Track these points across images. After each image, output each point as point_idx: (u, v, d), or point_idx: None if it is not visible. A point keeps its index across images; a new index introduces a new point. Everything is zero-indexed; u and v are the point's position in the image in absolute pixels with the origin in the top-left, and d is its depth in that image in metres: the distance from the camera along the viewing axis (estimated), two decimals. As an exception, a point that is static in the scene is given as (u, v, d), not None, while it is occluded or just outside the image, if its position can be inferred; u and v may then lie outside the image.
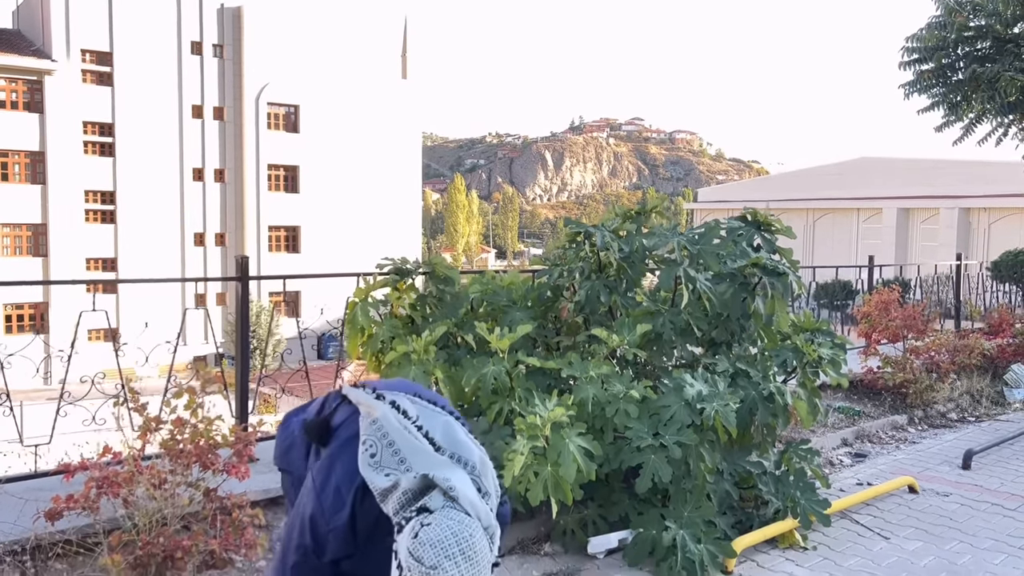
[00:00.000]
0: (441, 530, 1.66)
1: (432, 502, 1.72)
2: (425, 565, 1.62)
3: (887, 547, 4.59)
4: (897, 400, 7.53)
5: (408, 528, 1.70)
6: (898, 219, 33.90)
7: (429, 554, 1.64)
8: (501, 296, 5.09)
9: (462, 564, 1.64)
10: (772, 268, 4.73)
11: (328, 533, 1.85)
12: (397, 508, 1.76)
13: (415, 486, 1.75)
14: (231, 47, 36.58)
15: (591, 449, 4.02)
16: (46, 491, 3.74)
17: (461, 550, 1.65)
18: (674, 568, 4.11)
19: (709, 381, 4.38)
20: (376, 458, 1.82)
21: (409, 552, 1.65)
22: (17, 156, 32.63)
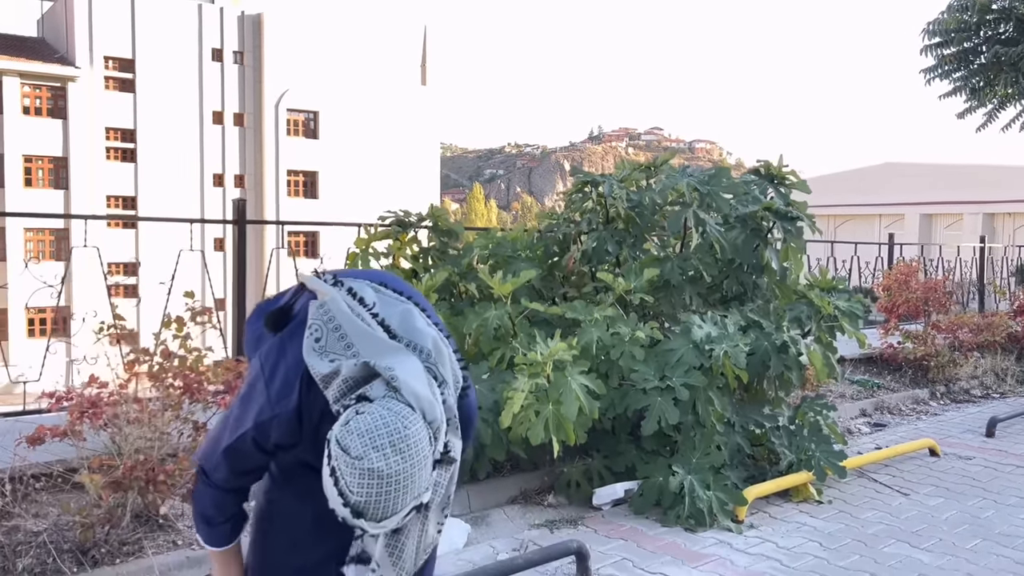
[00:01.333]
0: (372, 419, 1.52)
1: (372, 391, 1.58)
2: (351, 455, 1.48)
3: (906, 502, 4.39)
4: (918, 374, 7.30)
5: (342, 417, 1.56)
6: (921, 225, 33.42)
7: (356, 444, 1.50)
8: (506, 248, 4.96)
9: (391, 456, 1.49)
10: (785, 213, 4.56)
11: (272, 419, 1.72)
12: (337, 396, 1.63)
13: (356, 374, 1.62)
14: (251, 54, 36.86)
15: (594, 388, 3.87)
16: (36, 425, 3.64)
17: (391, 441, 1.50)
18: (682, 515, 3.94)
19: (719, 324, 4.22)
20: (321, 343, 1.68)
21: (336, 440, 1.51)
22: (41, 161, 32.99)
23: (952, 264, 9.65)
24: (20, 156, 31.91)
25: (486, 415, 3.97)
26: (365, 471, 1.47)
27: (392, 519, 1.51)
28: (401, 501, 1.50)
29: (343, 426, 1.51)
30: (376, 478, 1.48)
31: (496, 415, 3.92)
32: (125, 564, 3.10)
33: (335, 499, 1.49)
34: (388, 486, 1.49)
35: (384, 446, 1.49)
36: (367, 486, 1.47)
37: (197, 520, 1.89)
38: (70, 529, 3.18)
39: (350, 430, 1.50)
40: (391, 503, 1.49)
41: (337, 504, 1.49)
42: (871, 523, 4.07)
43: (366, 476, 1.47)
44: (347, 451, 1.48)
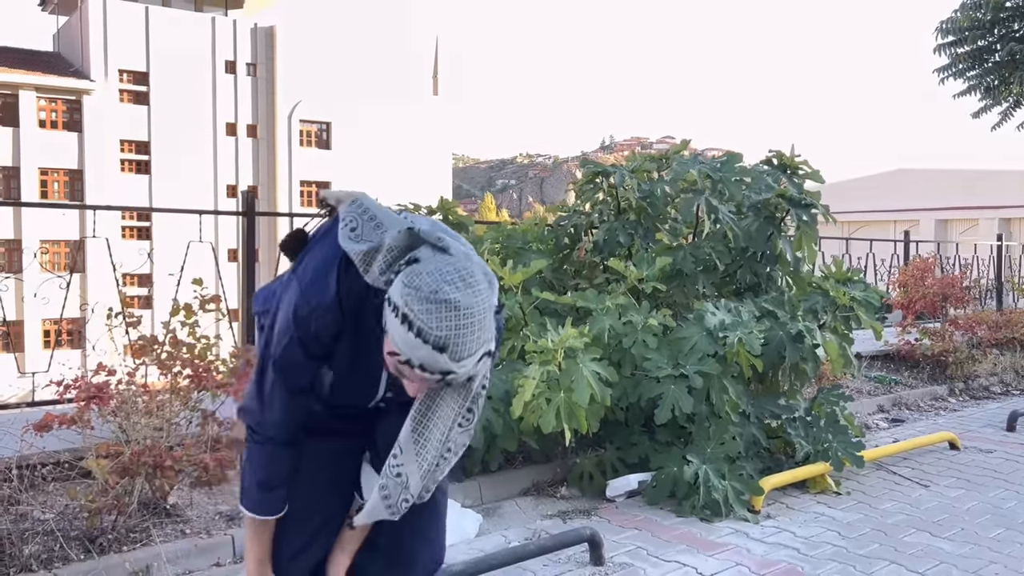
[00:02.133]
0: (436, 262, 1.50)
1: (421, 254, 1.55)
2: (423, 292, 1.45)
3: (926, 494, 4.30)
4: (936, 371, 7.19)
5: (399, 276, 1.53)
6: (936, 230, 33.18)
7: (426, 281, 1.47)
8: (516, 240, 4.92)
9: (463, 289, 1.47)
10: (799, 200, 4.50)
11: (311, 312, 1.67)
12: (384, 267, 1.59)
13: (401, 242, 1.58)
14: (264, 66, 37.10)
15: (606, 375, 3.81)
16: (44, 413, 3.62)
17: (460, 276, 1.49)
18: (697, 506, 3.87)
19: (733, 311, 4.16)
20: (357, 231, 1.65)
21: (404, 285, 1.48)
22: (57, 174, 33.27)
23: (969, 262, 9.54)
24: (36, 169, 32.20)
25: (497, 405, 3.92)
26: (442, 303, 1.45)
27: (470, 359, 1.49)
28: (475, 339, 1.48)
29: (406, 275, 1.50)
30: (453, 309, 1.45)
31: (507, 405, 3.87)
32: (132, 552, 3.06)
33: (412, 345, 1.46)
34: (465, 318, 1.46)
35: (454, 280, 1.48)
36: (446, 319, 1.45)
37: (251, 489, 1.83)
38: (77, 516, 3.15)
39: (416, 272, 1.49)
40: (469, 338, 1.47)
41: (417, 349, 1.46)
42: (891, 513, 3.98)
43: (443, 308, 1.45)
44: (419, 289, 1.46)
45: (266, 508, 1.83)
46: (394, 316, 1.48)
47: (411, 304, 1.45)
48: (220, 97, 36.01)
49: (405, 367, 1.50)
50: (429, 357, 1.46)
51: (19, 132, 31.72)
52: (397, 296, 1.48)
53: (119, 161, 34.32)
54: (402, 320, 1.46)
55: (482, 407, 1.81)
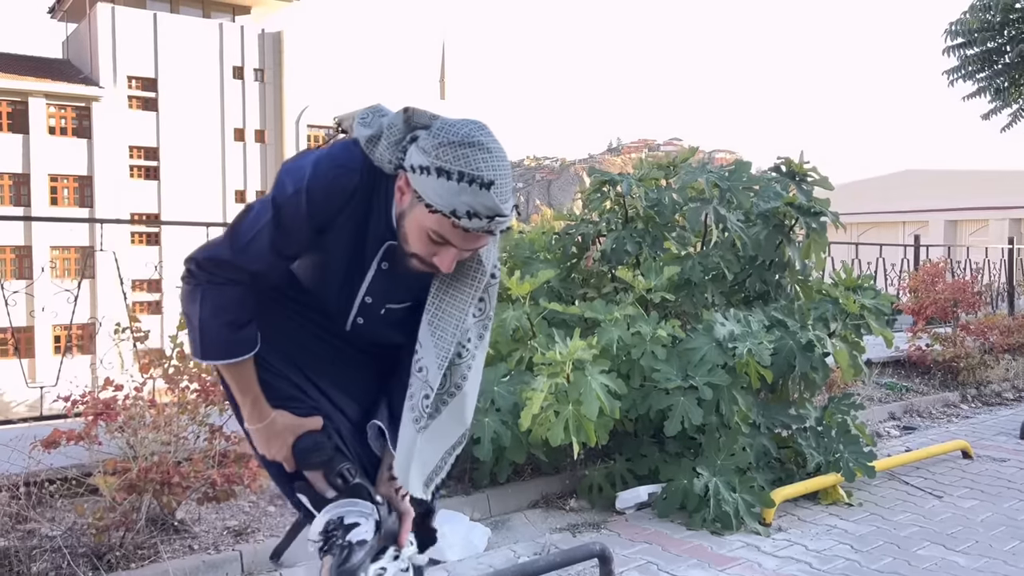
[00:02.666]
0: (446, 121, 1.53)
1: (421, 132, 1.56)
2: (455, 137, 1.47)
3: (939, 505, 4.26)
4: (948, 377, 7.14)
5: (412, 146, 1.53)
6: (946, 231, 33.01)
7: (454, 128, 1.49)
8: (524, 249, 4.90)
9: (488, 134, 1.51)
10: (808, 208, 4.47)
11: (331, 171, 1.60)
12: (388, 146, 1.58)
13: (399, 120, 1.60)
14: (272, 71, 37.21)
15: (615, 387, 3.79)
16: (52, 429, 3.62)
17: (478, 126, 1.52)
18: (707, 518, 3.84)
19: (742, 321, 4.13)
20: (366, 119, 1.66)
21: (431, 138, 1.49)
22: (66, 180, 33.41)
23: (980, 266, 9.47)
24: (46, 175, 32.36)
25: (505, 417, 3.90)
26: (475, 145, 1.47)
27: (509, 202, 1.50)
28: (509, 182, 1.49)
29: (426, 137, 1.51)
30: (487, 151, 1.48)
31: (515, 417, 3.85)
32: (140, 569, 3.05)
33: (457, 193, 1.45)
34: (498, 160, 1.49)
35: (476, 128, 1.51)
36: (483, 159, 1.46)
37: (216, 333, 1.64)
38: (85, 533, 3.14)
39: (436, 131, 1.50)
40: (506, 178, 1.49)
41: (463, 194, 1.45)
42: (904, 525, 3.94)
43: (478, 150, 1.47)
44: (448, 138, 1.47)
45: (242, 345, 1.67)
46: (426, 176, 1.47)
47: (444, 155, 1.46)
48: (228, 102, 36.13)
49: (447, 227, 1.49)
50: (477, 197, 1.45)
51: (29, 139, 31.89)
52: (422, 158, 1.49)
53: (128, 167, 34.45)
54: (438, 174, 1.46)
55: (494, 300, 1.79)
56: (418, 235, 1.54)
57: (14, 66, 32.70)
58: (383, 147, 1.59)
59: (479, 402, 3.96)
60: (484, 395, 3.99)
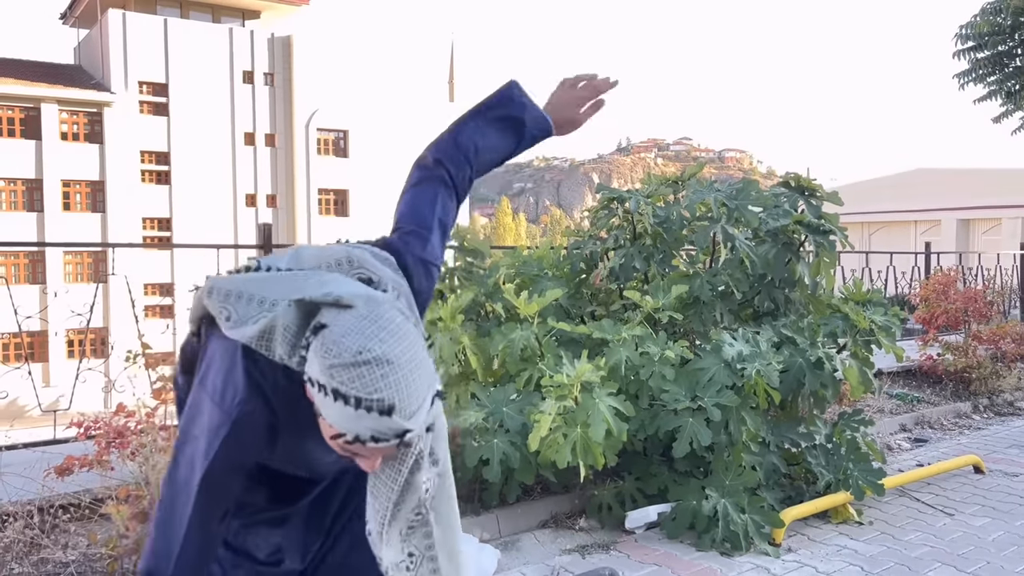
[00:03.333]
0: (347, 321, 1.33)
1: (325, 318, 1.37)
2: (347, 356, 1.28)
3: (951, 523, 4.25)
4: (960, 387, 7.10)
5: (311, 349, 1.35)
6: (958, 230, 32.81)
7: (346, 346, 1.30)
8: (532, 267, 4.91)
9: (388, 340, 1.31)
10: (817, 226, 4.46)
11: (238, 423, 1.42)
12: (288, 349, 1.41)
13: (294, 318, 1.41)
14: (281, 75, 37.33)
15: (623, 410, 3.79)
16: (64, 455, 3.65)
17: (380, 326, 1.33)
18: (717, 539, 3.84)
19: (751, 341, 4.13)
20: (232, 319, 1.46)
21: (323, 358, 1.30)
22: (79, 186, 33.62)
23: (992, 272, 9.42)
24: (59, 181, 32.57)
25: (514, 438, 3.92)
26: (371, 363, 1.29)
27: (421, 411, 1.33)
28: (421, 384, 1.33)
29: (319, 347, 1.32)
30: (386, 364, 1.30)
31: (524, 438, 3.86)
32: (153, 595, 3.07)
33: (355, 419, 1.29)
34: (402, 369, 1.31)
35: (374, 332, 1.33)
36: (381, 378, 1.29)
37: None
38: (98, 560, 3.17)
39: (330, 342, 1.31)
40: (413, 387, 1.32)
41: (362, 421, 1.29)
42: (914, 545, 3.93)
43: (374, 367, 1.29)
44: (340, 357, 1.29)
45: None
46: (324, 396, 1.31)
47: (338, 376, 1.29)
48: (238, 107, 36.27)
49: (355, 446, 1.33)
50: (377, 424, 1.30)
51: (41, 144, 32.11)
52: (319, 374, 1.32)
53: (139, 172, 34.63)
54: (335, 397, 1.30)
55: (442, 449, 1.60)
56: (332, 445, 1.38)
57: (26, 72, 32.95)
58: (282, 348, 1.41)
59: (488, 422, 3.99)
60: (493, 416, 4.01)
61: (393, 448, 1.34)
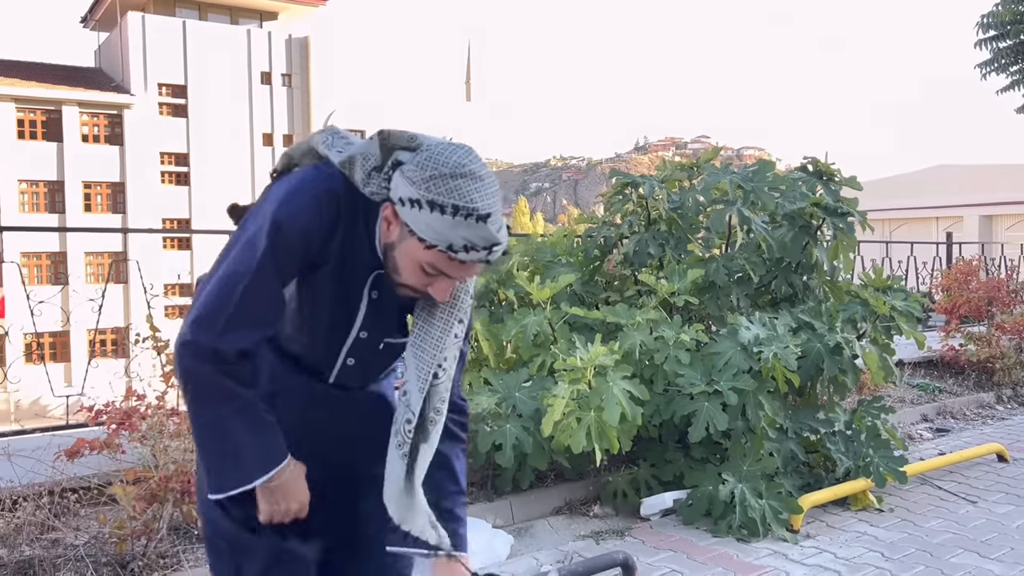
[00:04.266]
0: (432, 149, 1.42)
1: (403, 156, 1.45)
2: (446, 168, 1.38)
3: (973, 510, 4.16)
4: (983, 377, 6.98)
5: (397, 176, 1.43)
6: (980, 226, 32.36)
7: (444, 158, 1.40)
8: (545, 253, 4.86)
9: (476, 159, 1.42)
10: (835, 208, 4.39)
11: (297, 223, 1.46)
12: (364, 178, 1.48)
13: (372, 148, 1.48)
14: (299, 76, 37.51)
15: (637, 394, 3.74)
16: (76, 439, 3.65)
17: (464, 150, 1.42)
18: (733, 525, 3.78)
19: (768, 325, 4.06)
20: (330, 142, 1.54)
21: (420, 170, 1.39)
22: (99, 187, 33.93)
23: (1016, 263, 9.26)
24: (80, 182, 32.90)
25: (527, 423, 3.87)
26: (467, 176, 1.38)
27: (503, 228, 1.43)
28: (501, 211, 1.43)
29: (412, 168, 1.41)
30: (478, 179, 1.39)
31: (537, 423, 3.81)
32: (163, 577, 3.06)
33: (452, 227, 1.37)
34: (489, 186, 1.41)
35: (467, 153, 1.42)
36: (476, 189, 1.38)
37: (225, 452, 1.48)
38: (107, 542, 3.16)
39: (423, 161, 1.40)
40: (498, 205, 1.42)
41: (458, 228, 1.37)
42: (936, 532, 3.85)
43: (469, 180, 1.38)
44: (438, 170, 1.38)
45: (274, 454, 1.51)
46: (419, 210, 1.39)
47: (436, 187, 1.37)
48: (256, 108, 36.49)
49: (443, 260, 1.42)
50: (474, 231, 1.38)
51: (63, 147, 32.45)
52: (411, 190, 1.39)
53: (159, 173, 34.91)
54: (431, 207, 1.37)
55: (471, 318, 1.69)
56: (411, 268, 1.46)
57: (48, 75, 33.31)
58: (360, 175, 1.49)
59: (500, 408, 3.94)
60: (506, 401, 3.97)
61: (477, 267, 1.44)
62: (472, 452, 3.85)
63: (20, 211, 32.02)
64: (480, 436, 3.84)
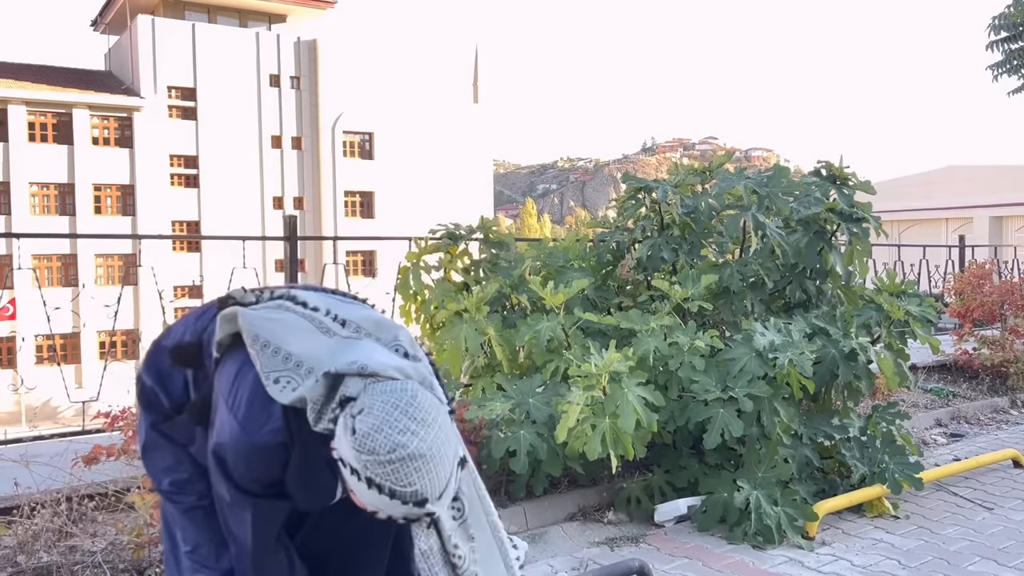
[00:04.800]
0: (378, 411, 1.40)
1: (351, 389, 1.46)
2: (382, 453, 1.37)
3: (990, 517, 4.13)
4: (996, 382, 6.94)
5: (340, 428, 1.44)
6: (991, 227, 32.22)
7: (380, 440, 1.38)
8: (558, 258, 4.86)
9: (419, 431, 1.39)
10: (850, 214, 4.37)
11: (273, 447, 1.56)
12: (316, 418, 1.50)
13: (322, 391, 1.49)
14: (307, 78, 37.57)
15: (652, 400, 3.73)
16: (92, 445, 3.66)
17: (410, 417, 1.40)
18: (748, 532, 3.76)
19: (783, 331, 4.05)
20: (262, 370, 1.56)
21: (356, 451, 1.39)
22: (109, 190, 34.06)
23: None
24: (90, 185, 33.02)
25: (541, 429, 3.87)
26: (405, 459, 1.37)
27: (449, 490, 1.44)
28: (448, 466, 1.42)
29: (351, 436, 1.40)
30: (419, 459, 1.38)
31: (551, 429, 3.81)
32: (179, 584, 3.06)
33: (389, 505, 1.39)
34: (432, 460, 1.40)
35: (406, 426, 1.39)
36: (415, 471, 1.38)
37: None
38: (125, 549, 3.17)
39: (364, 433, 1.39)
40: (442, 473, 1.41)
41: (395, 507, 1.40)
42: (953, 539, 3.83)
43: (408, 463, 1.37)
44: (376, 452, 1.37)
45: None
46: (358, 480, 1.40)
47: (372, 468, 1.38)
48: (265, 110, 36.56)
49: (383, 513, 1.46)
50: (411, 511, 1.41)
51: (73, 149, 32.59)
52: (353, 460, 1.40)
53: (168, 175, 35.02)
54: (368, 485, 1.39)
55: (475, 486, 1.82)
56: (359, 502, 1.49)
57: (59, 79, 33.47)
58: (312, 416, 1.51)
59: (514, 414, 3.94)
60: (519, 407, 3.96)
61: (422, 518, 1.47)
62: (486, 458, 3.85)
63: (31, 213, 32.18)
64: (494, 442, 3.84)
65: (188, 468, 1.76)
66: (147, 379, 1.81)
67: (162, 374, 1.79)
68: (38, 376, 23.22)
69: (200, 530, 1.74)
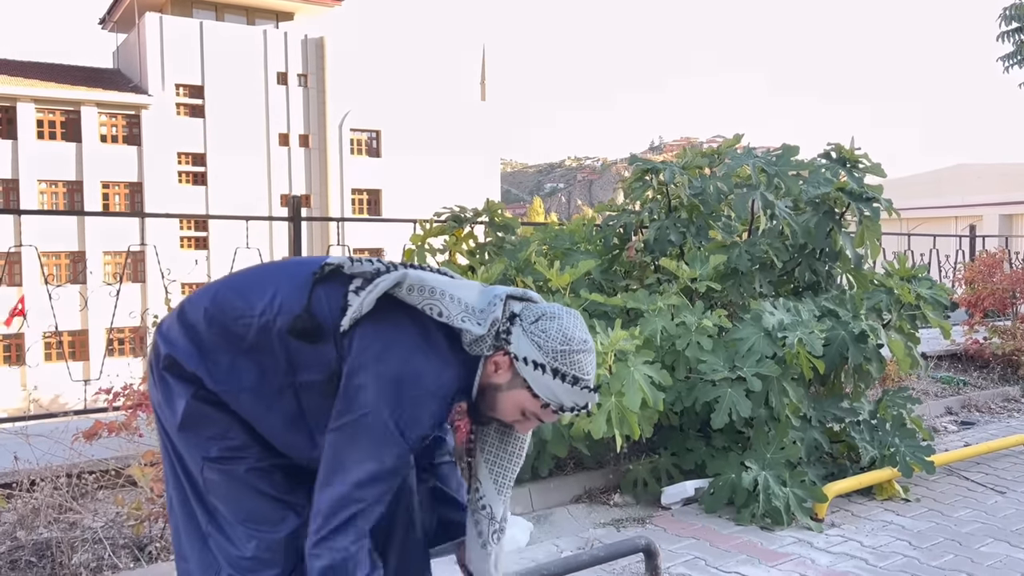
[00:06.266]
0: (557, 315, 1.71)
1: (515, 308, 1.72)
2: (574, 344, 1.66)
3: (1003, 501, 4.07)
4: (1008, 371, 6.87)
5: (518, 335, 1.68)
6: (1000, 225, 31.98)
7: (570, 335, 1.67)
8: (564, 240, 4.82)
9: (584, 328, 1.75)
10: (860, 194, 4.31)
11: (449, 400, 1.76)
12: (472, 344, 1.72)
13: (500, 312, 1.73)
14: (315, 76, 37.60)
15: (659, 379, 3.68)
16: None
17: (580, 320, 1.75)
18: (757, 514, 3.71)
19: (792, 310, 3.99)
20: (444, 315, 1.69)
21: (546, 347, 1.65)
22: (117, 187, 34.15)
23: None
24: (98, 182, 33.13)
25: (547, 409, 3.82)
26: (588, 351, 1.70)
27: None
28: None
29: (542, 337, 1.66)
30: (592, 353, 1.72)
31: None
32: (180, 560, 3.03)
33: (569, 392, 1.67)
34: (595, 357, 1.75)
35: (583, 327, 1.73)
36: (590, 363, 1.70)
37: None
38: (125, 524, 3.14)
39: (556, 331, 1.67)
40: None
41: (574, 394, 1.68)
42: (965, 522, 3.77)
43: (589, 355, 1.70)
44: (569, 343, 1.66)
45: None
46: (541, 373, 1.64)
47: (562, 359, 1.64)
48: (272, 108, 36.60)
49: (547, 412, 1.71)
50: (584, 398, 1.69)
51: (81, 147, 32.69)
52: (539, 355, 1.65)
53: (176, 173, 35.09)
54: (554, 374, 1.64)
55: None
56: (511, 410, 1.73)
57: (67, 76, 33.59)
58: (490, 332, 1.71)
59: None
60: (525, 387, 3.92)
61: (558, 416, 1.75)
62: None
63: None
64: (499, 422, 3.80)
65: (239, 434, 1.75)
66: (172, 351, 1.79)
67: (204, 347, 1.77)
68: (45, 372, 23.29)
69: (256, 495, 1.73)
